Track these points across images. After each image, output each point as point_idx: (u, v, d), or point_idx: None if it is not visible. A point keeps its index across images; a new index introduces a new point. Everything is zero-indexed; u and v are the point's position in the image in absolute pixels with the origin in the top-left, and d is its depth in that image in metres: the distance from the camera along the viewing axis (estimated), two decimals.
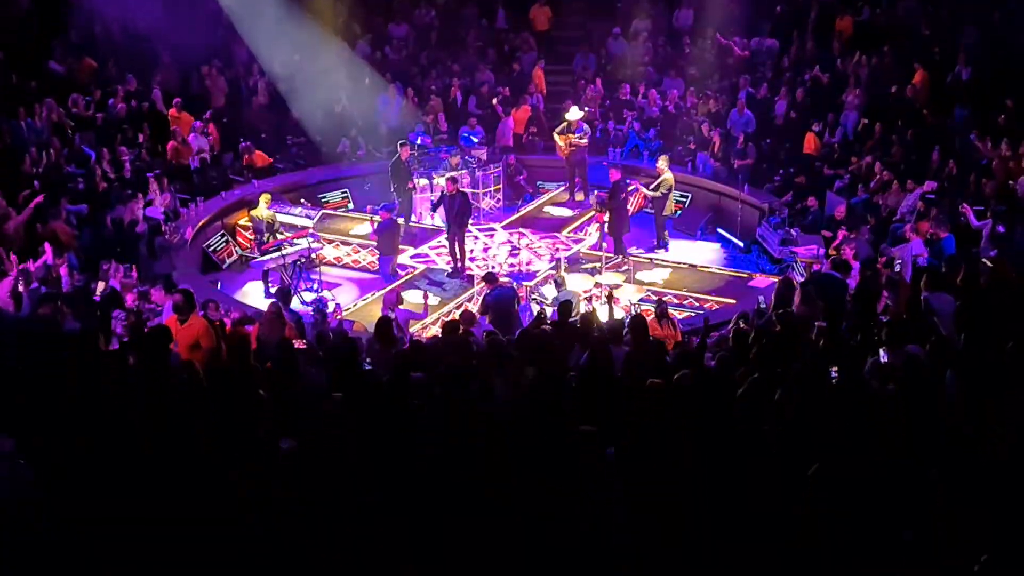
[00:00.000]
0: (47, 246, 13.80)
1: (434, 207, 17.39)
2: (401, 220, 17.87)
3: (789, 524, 6.12)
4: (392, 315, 11.76)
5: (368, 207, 19.53)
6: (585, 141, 19.85)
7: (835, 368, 8.18)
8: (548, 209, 20.13)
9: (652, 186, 18.20)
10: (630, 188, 17.84)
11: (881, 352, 8.67)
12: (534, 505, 6.17)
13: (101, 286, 13.51)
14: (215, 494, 6.31)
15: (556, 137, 20.03)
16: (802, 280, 13.61)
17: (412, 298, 15.26)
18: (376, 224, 17.09)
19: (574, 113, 20.01)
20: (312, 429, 7.27)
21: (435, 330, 14.27)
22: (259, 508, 6.16)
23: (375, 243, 17.19)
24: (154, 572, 5.83)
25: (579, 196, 20.16)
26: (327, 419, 7.40)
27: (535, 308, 14.58)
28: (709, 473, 6.57)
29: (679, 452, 6.73)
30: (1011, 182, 15.72)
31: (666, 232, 18.56)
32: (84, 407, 7.25)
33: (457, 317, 12.39)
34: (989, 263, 11.37)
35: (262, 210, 17.39)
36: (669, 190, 18.28)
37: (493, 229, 19.06)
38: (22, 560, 5.71)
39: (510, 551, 5.96)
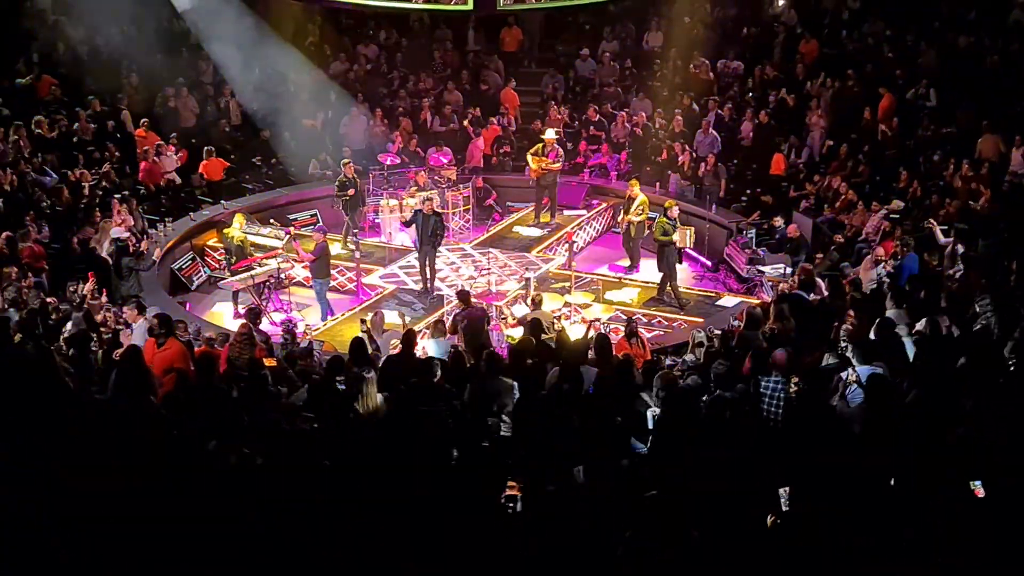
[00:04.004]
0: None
1: (408, 224, 17.30)
2: (337, 238, 17.33)
3: (789, 524, 6.16)
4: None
5: (290, 228, 18.86)
6: (558, 165, 19.88)
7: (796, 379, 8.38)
8: (517, 229, 20.19)
9: (633, 210, 18.22)
10: (601, 207, 17.93)
11: (848, 369, 8.83)
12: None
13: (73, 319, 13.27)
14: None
15: (530, 158, 20.01)
16: (774, 298, 13.75)
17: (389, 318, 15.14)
18: (313, 246, 16.81)
19: (550, 135, 20.08)
20: (281, 447, 7.29)
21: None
22: (259, 508, 6.14)
23: (309, 265, 16.91)
24: (155, 572, 5.80)
25: (545, 217, 20.19)
26: (297, 436, 7.43)
27: (504, 328, 14.64)
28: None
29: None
30: (971, 202, 15.97)
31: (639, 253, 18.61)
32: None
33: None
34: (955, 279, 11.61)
35: (235, 229, 17.32)
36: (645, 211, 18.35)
37: (463, 249, 19.07)
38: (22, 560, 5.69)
39: (510, 551, 5.97)
